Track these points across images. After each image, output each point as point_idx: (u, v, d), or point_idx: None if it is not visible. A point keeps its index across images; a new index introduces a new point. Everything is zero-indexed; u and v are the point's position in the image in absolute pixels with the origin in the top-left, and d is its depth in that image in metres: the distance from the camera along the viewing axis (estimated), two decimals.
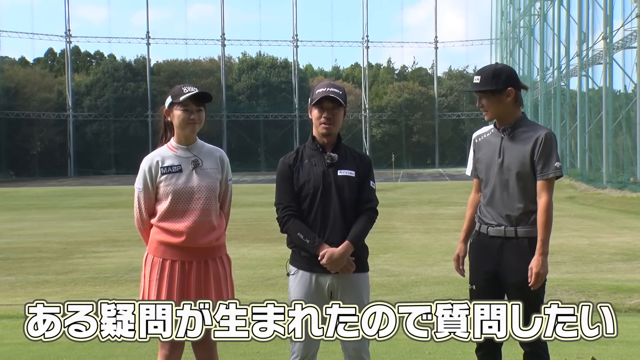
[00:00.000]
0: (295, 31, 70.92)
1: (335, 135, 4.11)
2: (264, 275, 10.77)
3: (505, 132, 4.01)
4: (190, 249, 3.99)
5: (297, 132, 69.22)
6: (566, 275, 10.30)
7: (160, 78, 69.45)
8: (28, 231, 19.21)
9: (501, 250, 3.99)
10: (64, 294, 9.61)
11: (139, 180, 4.07)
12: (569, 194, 31.26)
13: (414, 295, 8.75)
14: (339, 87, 4.13)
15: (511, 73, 4.01)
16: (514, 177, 3.95)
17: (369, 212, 4.03)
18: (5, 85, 65.65)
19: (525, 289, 3.91)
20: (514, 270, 3.95)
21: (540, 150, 3.90)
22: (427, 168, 67.50)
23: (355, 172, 4.04)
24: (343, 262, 3.93)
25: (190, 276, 3.98)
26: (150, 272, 4.01)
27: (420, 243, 15.04)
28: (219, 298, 4.01)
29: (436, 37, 73.60)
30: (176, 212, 3.97)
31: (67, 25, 68.60)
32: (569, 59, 40.55)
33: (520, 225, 3.95)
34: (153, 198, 4.04)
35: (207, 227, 4.02)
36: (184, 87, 4.04)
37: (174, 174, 3.98)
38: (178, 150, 4.04)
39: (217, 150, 4.21)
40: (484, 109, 4.04)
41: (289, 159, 4.20)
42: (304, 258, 4.04)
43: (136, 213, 4.10)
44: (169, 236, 3.99)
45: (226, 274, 4.15)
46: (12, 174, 65.27)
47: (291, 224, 4.02)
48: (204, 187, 4.00)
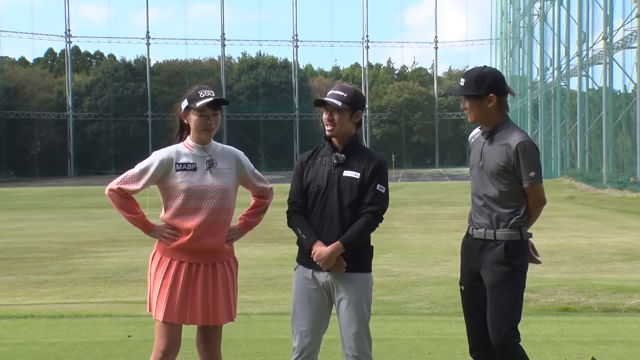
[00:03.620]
0: (295, 31, 71.05)
1: (344, 136, 4.12)
2: (264, 275, 10.77)
3: (484, 135, 4.07)
4: (198, 250, 3.99)
5: (297, 132, 69.26)
6: (566, 275, 10.30)
7: (160, 78, 69.50)
8: (28, 231, 19.20)
9: (482, 252, 4.01)
10: (64, 294, 9.62)
11: (143, 164, 4.04)
12: (569, 194, 31.27)
13: (413, 296, 8.75)
14: (347, 89, 4.14)
15: (495, 79, 4.00)
16: (491, 181, 3.99)
17: (369, 215, 4.01)
18: (5, 85, 65.70)
19: (496, 290, 3.92)
20: (489, 271, 3.96)
21: (515, 162, 3.93)
22: (427, 168, 67.55)
23: (361, 174, 4.04)
24: (332, 261, 3.96)
25: (197, 279, 3.98)
26: (156, 270, 4.02)
27: (420, 243, 15.04)
28: (226, 302, 4.03)
29: (436, 37, 73.71)
30: (188, 210, 3.98)
31: (67, 25, 68.73)
32: (569, 59, 40.57)
33: (499, 228, 3.97)
34: (139, 188, 4.02)
35: (216, 227, 4.02)
36: (200, 91, 4.03)
37: (189, 172, 4.00)
38: (194, 149, 4.06)
39: (232, 151, 4.21)
40: (467, 111, 4.09)
41: (304, 156, 4.28)
42: (304, 254, 4.11)
43: (116, 184, 4.03)
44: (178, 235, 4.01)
45: (233, 277, 4.15)
46: (12, 174, 65.31)
47: (294, 219, 4.11)
48: (217, 186, 4.01)
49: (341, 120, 4.07)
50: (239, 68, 74.03)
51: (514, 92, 4.23)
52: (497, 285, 3.92)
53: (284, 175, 58.16)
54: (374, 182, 4.04)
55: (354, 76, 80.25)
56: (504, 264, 3.92)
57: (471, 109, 4.03)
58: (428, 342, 6.09)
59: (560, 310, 7.52)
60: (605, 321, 7.03)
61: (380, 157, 4.16)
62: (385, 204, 4.10)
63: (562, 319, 7.06)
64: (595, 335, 6.37)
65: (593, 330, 6.56)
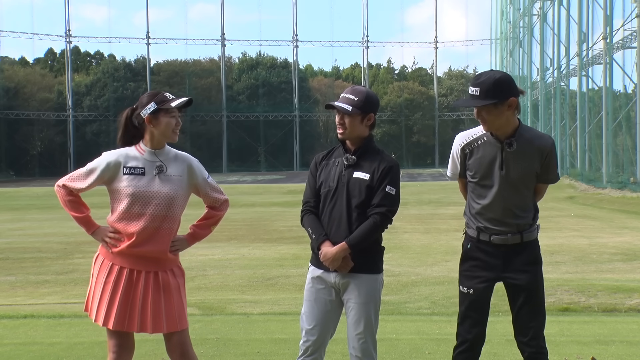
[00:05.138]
0: (295, 31, 71.00)
1: (356, 138, 4.11)
2: (264, 275, 10.76)
3: (507, 143, 3.89)
4: (139, 256, 3.93)
5: (297, 132, 69.23)
6: (566, 275, 10.30)
7: (160, 78, 69.44)
8: (28, 231, 19.21)
9: (507, 255, 3.97)
10: (64, 294, 9.62)
11: (91, 165, 4.01)
12: (569, 194, 31.27)
13: (413, 296, 8.75)
14: (359, 92, 4.10)
15: (511, 81, 3.89)
16: (522, 189, 3.94)
17: (376, 216, 4.00)
18: (5, 85, 65.67)
19: (537, 290, 3.98)
20: (523, 273, 3.96)
21: (547, 162, 3.93)
22: (427, 168, 67.52)
23: (370, 175, 4.04)
24: (338, 261, 3.97)
25: (138, 286, 3.93)
26: (98, 273, 3.99)
27: (420, 243, 15.03)
28: (168, 310, 3.96)
29: (436, 37, 73.67)
30: (132, 214, 3.92)
31: (67, 25, 68.64)
32: (569, 59, 40.59)
33: (525, 230, 3.97)
34: (84, 187, 3.99)
35: (160, 234, 3.96)
36: (165, 94, 4.03)
37: (137, 176, 3.95)
38: (145, 153, 4.01)
39: (185, 157, 4.12)
40: (482, 121, 3.89)
41: (318, 156, 4.29)
42: (315, 254, 4.14)
43: (63, 180, 4.03)
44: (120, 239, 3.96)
45: (179, 285, 4.06)
46: (12, 174, 65.29)
47: (306, 219, 4.16)
48: (164, 193, 3.95)
49: (352, 124, 4.06)
50: (239, 68, 73.99)
51: (523, 91, 4.10)
52: (535, 286, 3.97)
53: (284, 175, 58.22)
54: (383, 183, 4.03)
55: (354, 76, 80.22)
56: (537, 263, 4.00)
57: (490, 118, 3.83)
58: (428, 342, 6.10)
59: (560, 310, 7.52)
60: (605, 321, 7.03)
61: (392, 159, 4.14)
62: (395, 206, 4.07)
63: (562, 319, 7.05)
64: (595, 335, 6.37)
65: (593, 330, 6.56)
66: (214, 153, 65.26)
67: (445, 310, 7.57)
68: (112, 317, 3.90)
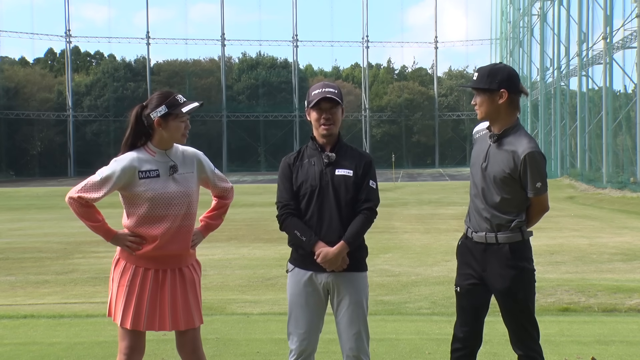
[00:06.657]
0: (295, 31, 71.02)
1: (336, 135, 4.12)
2: (264, 275, 10.77)
3: (492, 138, 3.94)
4: (164, 257, 3.93)
5: (297, 132, 69.22)
6: (566, 275, 10.30)
7: (160, 78, 69.44)
8: (28, 231, 19.21)
9: (485, 255, 3.96)
10: (64, 294, 9.61)
11: (105, 172, 3.95)
12: (569, 194, 31.27)
13: (413, 296, 8.75)
14: (334, 85, 4.16)
15: (509, 75, 3.90)
16: (495, 185, 3.91)
17: (366, 212, 4.02)
18: (5, 85, 65.68)
19: (512, 295, 3.90)
20: (498, 277, 3.92)
21: (521, 171, 3.84)
22: (427, 168, 67.53)
23: (354, 172, 4.04)
24: (338, 261, 3.96)
25: (165, 285, 3.93)
26: (121, 277, 3.95)
27: (420, 243, 15.02)
28: (195, 305, 4.00)
29: (436, 37, 73.70)
30: (153, 218, 3.91)
31: (67, 25, 68.70)
32: (569, 59, 40.60)
33: (501, 231, 3.91)
34: (100, 196, 3.92)
35: (182, 233, 3.97)
36: (177, 96, 4.01)
37: (153, 179, 3.93)
38: (156, 154, 4.00)
39: (193, 153, 4.14)
40: (476, 107, 3.98)
41: (289, 158, 4.24)
42: (300, 256, 4.09)
43: (75, 192, 3.93)
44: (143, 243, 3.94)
45: (200, 279, 4.13)
46: (12, 174, 65.28)
47: (289, 222, 4.06)
48: (182, 192, 3.95)
49: (338, 117, 4.09)
50: (239, 68, 74.01)
51: (527, 91, 4.08)
52: (509, 291, 3.89)
53: None
54: (366, 179, 4.06)
55: (354, 76, 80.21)
56: (512, 267, 3.88)
57: (481, 104, 3.93)
58: (428, 342, 6.10)
59: (560, 310, 7.52)
60: (605, 321, 7.03)
61: (367, 154, 4.22)
62: (378, 200, 4.13)
63: (562, 319, 7.06)
64: (595, 335, 6.37)
65: (593, 330, 6.56)
66: (214, 153, 65.14)
67: (445, 310, 7.57)
68: (142, 318, 3.88)
